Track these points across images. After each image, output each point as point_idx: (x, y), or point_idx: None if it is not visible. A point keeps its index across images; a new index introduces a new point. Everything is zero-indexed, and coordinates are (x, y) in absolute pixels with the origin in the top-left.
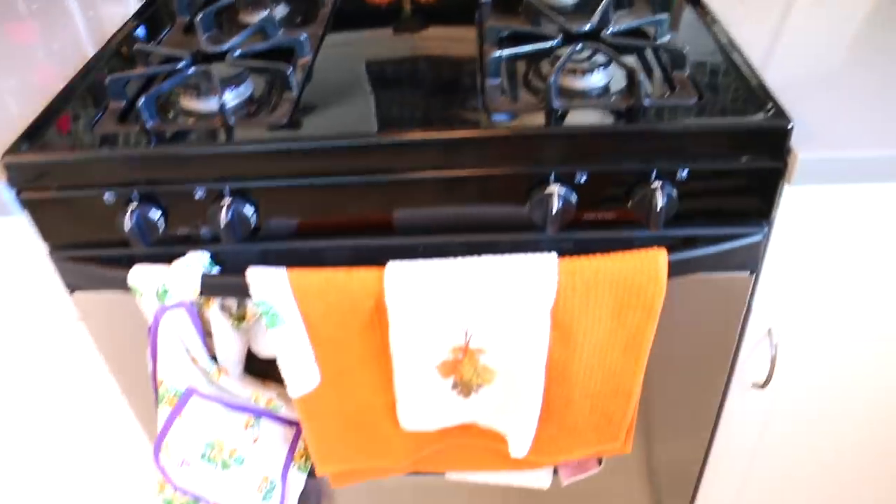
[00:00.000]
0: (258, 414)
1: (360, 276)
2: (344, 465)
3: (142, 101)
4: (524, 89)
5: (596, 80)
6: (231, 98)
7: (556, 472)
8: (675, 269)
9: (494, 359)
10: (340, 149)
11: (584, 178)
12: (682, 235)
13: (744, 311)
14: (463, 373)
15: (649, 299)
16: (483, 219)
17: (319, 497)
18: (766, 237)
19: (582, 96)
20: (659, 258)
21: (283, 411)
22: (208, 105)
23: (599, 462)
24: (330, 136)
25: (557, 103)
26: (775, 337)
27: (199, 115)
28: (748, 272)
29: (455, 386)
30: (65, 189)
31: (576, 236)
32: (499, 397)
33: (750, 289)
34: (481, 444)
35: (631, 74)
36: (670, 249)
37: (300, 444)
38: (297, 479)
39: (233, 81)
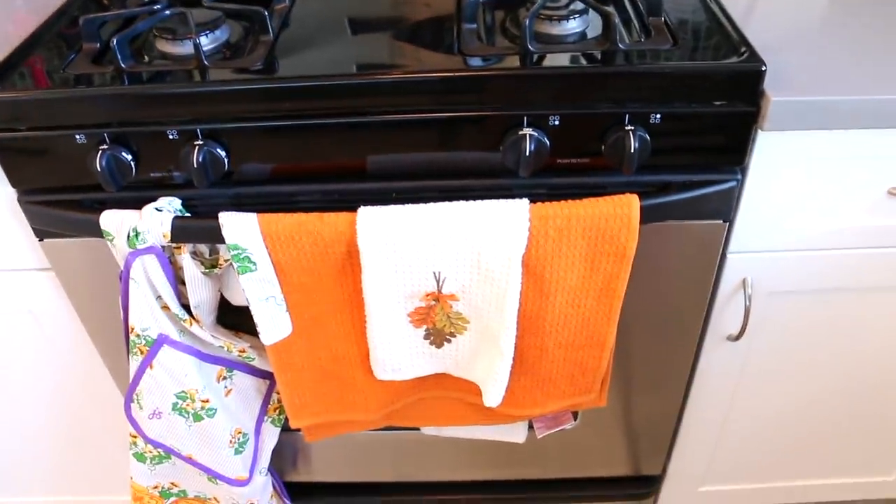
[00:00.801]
0: (231, 366)
1: (331, 220)
2: (317, 418)
3: (115, 40)
4: (501, 36)
5: (572, 26)
6: (207, 42)
7: (531, 427)
8: (647, 216)
9: (467, 306)
10: (313, 90)
11: (556, 121)
12: (656, 181)
13: (717, 260)
14: (436, 321)
15: (622, 246)
16: (456, 163)
17: (296, 454)
18: (741, 184)
19: (558, 41)
20: (632, 203)
21: (257, 362)
22: (184, 48)
23: (575, 416)
24: (303, 77)
25: (532, 47)
26: (749, 287)
27: (174, 58)
28: (721, 220)
29: (428, 335)
30: (35, 130)
31: (549, 182)
32: (471, 346)
33: (723, 237)
34: (455, 396)
35: (606, 19)
36: (643, 196)
37: (273, 398)
38: (271, 434)
39: (209, 26)
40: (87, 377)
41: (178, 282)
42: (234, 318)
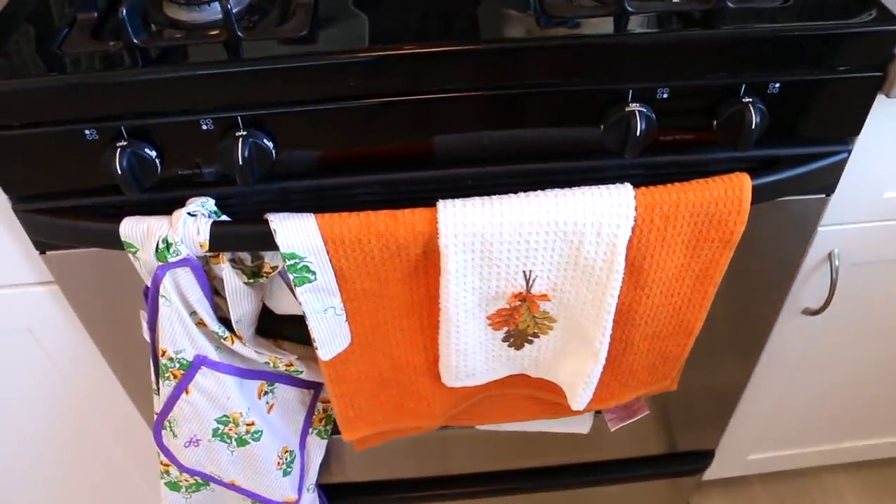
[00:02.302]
0: (272, 379)
1: (407, 219)
2: (373, 429)
3: (124, 9)
4: None
5: None
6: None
7: (596, 412)
8: (757, 195)
9: (557, 305)
10: (380, 63)
11: (665, 95)
12: (763, 156)
13: (812, 235)
14: (518, 322)
15: (728, 231)
16: (540, 144)
17: (328, 456)
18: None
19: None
20: (744, 184)
21: (304, 375)
22: (201, 15)
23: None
24: (362, 50)
25: (630, 5)
26: (836, 260)
27: (189, 28)
28: (824, 194)
29: (507, 338)
30: (31, 127)
31: (646, 161)
32: (556, 346)
33: (822, 211)
34: (525, 393)
35: None
36: (752, 174)
37: (318, 407)
38: (318, 447)
39: None
40: (97, 396)
41: (212, 292)
42: (271, 324)
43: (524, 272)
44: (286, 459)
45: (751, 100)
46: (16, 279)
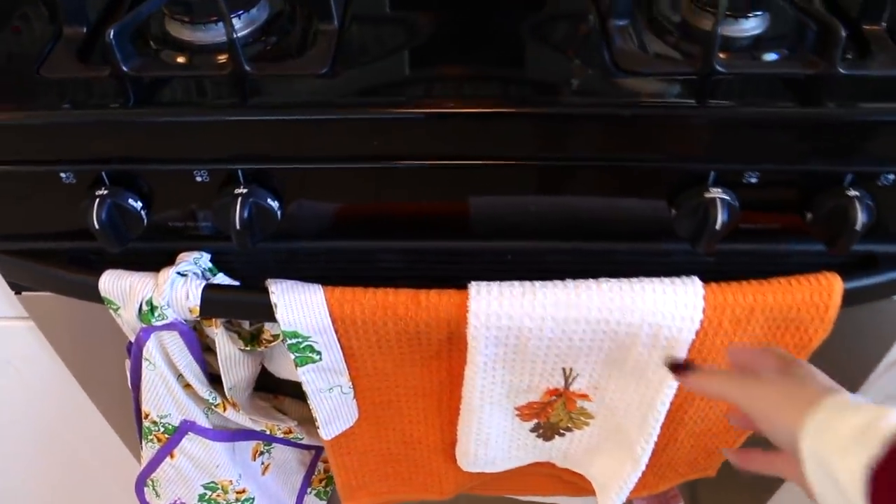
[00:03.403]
0: (270, 440)
1: (431, 304)
2: (377, 499)
3: (112, 32)
4: (647, 31)
5: (751, 25)
6: (240, 26)
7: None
8: (846, 300)
9: (598, 404)
10: (407, 123)
11: (753, 180)
12: (856, 252)
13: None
14: (551, 416)
15: (808, 337)
16: (597, 222)
17: None
18: None
19: (737, 50)
20: (833, 288)
21: (305, 441)
22: (207, 35)
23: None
24: (392, 105)
25: (719, 64)
26: None
27: (193, 49)
28: None
29: (537, 429)
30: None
31: (718, 248)
32: (590, 442)
33: None
34: (544, 471)
35: (826, 27)
36: (842, 272)
37: (319, 467)
38: None
39: (242, 3)
40: (82, 430)
41: (203, 349)
42: (270, 377)
43: (564, 369)
44: None
45: (857, 193)
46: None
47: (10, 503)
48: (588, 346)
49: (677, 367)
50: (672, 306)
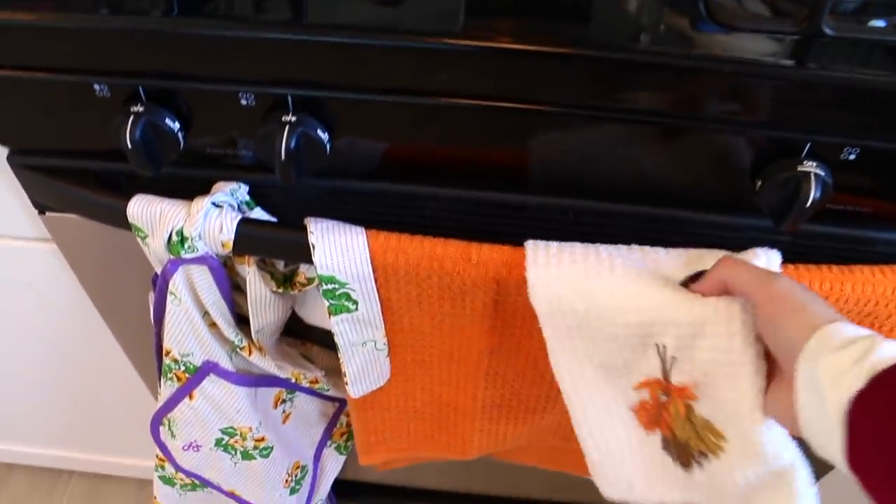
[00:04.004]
0: (293, 388)
1: (482, 259)
2: (395, 455)
3: None
4: None
5: None
6: None
7: None
8: None
9: (713, 410)
10: (477, 57)
11: (852, 156)
12: None
13: None
14: (673, 425)
15: (884, 332)
16: (671, 187)
17: None
18: None
19: (840, 13)
20: None
21: (330, 392)
22: None
23: None
24: (464, 36)
25: (828, 27)
26: None
27: None
28: None
29: (666, 446)
30: (27, 70)
31: (801, 229)
32: (736, 480)
33: None
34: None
35: None
36: None
37: (341, 421)
38: (334, 462)
39: None
40: (100, 358)
41: (232, 287)
42: (298, 322)
43: (657, 345)
44: (296, 476)
45: None
46: (16, 232)
47: (24, 431)
48: (671, 322)
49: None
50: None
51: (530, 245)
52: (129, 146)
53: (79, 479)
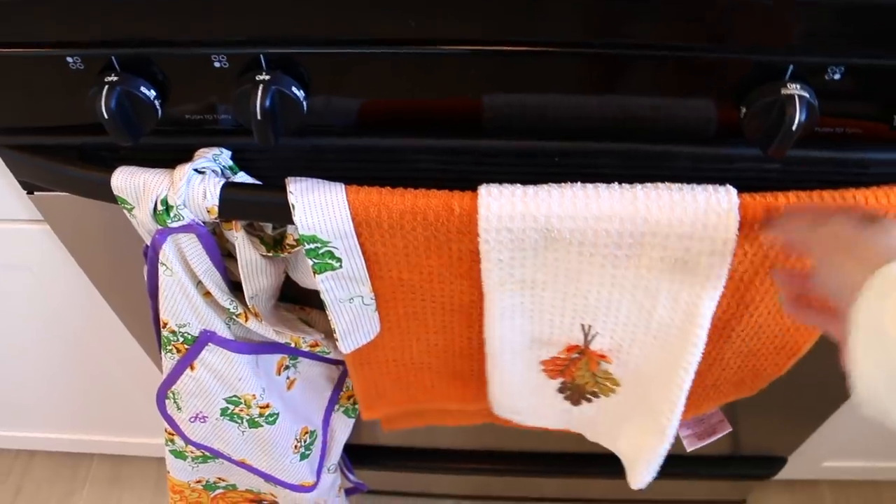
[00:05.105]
0: (295, 353)
1: (464, 209)
2: (398, 408)
3: None
4: None
5: None
6: None
7: None
8: None
9: (622, 370)
10: (445, 3)
11: (837, 75)
12: None
13: None
14: (576, 376)
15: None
16: (655, 120)
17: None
18: None
19: None
20: None
21: (333, 355)
22: None
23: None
24: None
25: None
26: None
27: None
28: None
29: (564, 389)
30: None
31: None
32: (618, 413)
33: None
34: None
35: None
36: None
37: (347, 384)
38: (343, 425)
39: None
40: (104, 336)
41: (224, 254)
42: (296, 286)
43: (583, 325)
44: (305, 442)
45: None
46: (7, 215)
47: (41, 418)
48: (608, 291)
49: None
50: (706, 224)
51: (483, 188)
52: (106, 116)
53: (100, 462)
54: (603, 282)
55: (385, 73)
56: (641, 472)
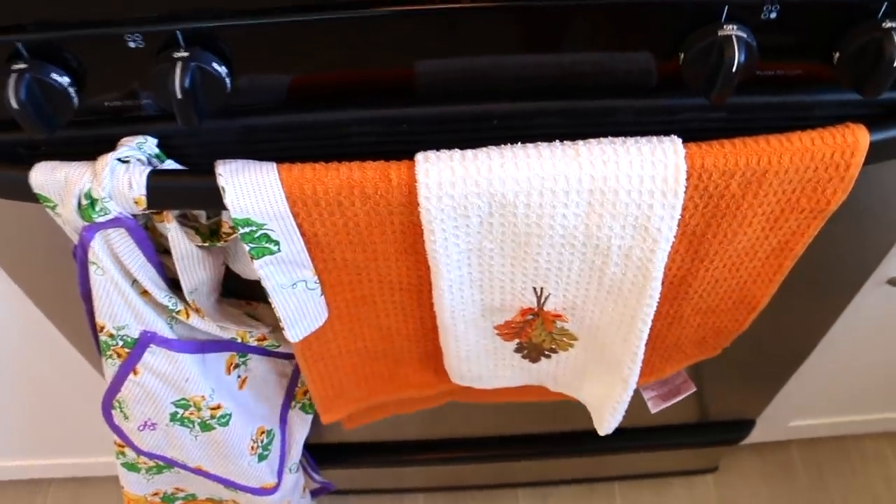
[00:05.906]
0: (244, 350)
1: (402, 179)
2: (358, 405)
3: None
4: None
5: None
6: None
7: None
8: (872, 155)
9: (577, 325)
10: None
11: (773, 14)
12: (884, 100)
13: None
14: (532, 336)
15: (825, 199)
16: (593, 75)
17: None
18: None
19: None
20: (858, 142)
21: (282, 348)
22: None
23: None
24: None
25: None
26: None
27: None
28: None
29: (521, 349)
30: None
31: (731, 101)
32: (578, 364)
33: None
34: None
35: None
36: (868, 124)
37: (301, 378)
38: (301, 422)
39: None
40: (44, 348)
41: (160, 251)
42: (240, 281)
43: (534, 289)
44: (262, 442)
45: (893, 25)
46: None
47: None
48: (559, 252)
49: None
50: (655, 176)
51: (420, 156)
52: (16, 107)
53: (58, 487)
54: (553, 243)
55: (311, 43)
56: (608, 419)
